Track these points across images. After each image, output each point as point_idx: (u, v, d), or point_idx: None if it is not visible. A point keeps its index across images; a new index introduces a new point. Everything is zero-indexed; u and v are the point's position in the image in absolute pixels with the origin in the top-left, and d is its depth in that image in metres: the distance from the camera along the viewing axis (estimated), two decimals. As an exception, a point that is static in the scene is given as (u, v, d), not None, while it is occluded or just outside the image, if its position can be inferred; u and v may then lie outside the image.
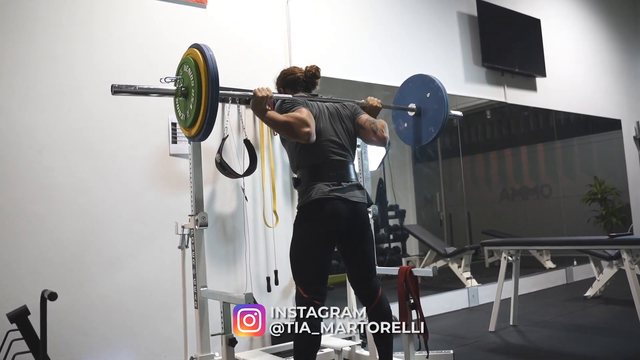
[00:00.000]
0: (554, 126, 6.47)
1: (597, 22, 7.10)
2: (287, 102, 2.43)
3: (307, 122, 2.29)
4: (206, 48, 2.17)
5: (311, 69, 2.66)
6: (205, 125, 2.13)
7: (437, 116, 2.86)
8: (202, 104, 2.10)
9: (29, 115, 2.87)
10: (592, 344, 3.32)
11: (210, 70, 2.10)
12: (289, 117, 2.30)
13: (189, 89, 2.19)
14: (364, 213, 2.51)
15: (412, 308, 2.77)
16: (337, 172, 2.44)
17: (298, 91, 2.63)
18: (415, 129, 3.00)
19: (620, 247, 3.35)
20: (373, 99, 2.74)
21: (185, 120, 2.26)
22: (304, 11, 4.03)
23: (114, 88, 2.07)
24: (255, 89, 2.32)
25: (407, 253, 6.24)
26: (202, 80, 2.10)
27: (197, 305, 2.58)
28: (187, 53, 2.27)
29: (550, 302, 4.84)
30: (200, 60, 2.13)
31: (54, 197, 2.89)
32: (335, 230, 2.40)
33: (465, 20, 5.28)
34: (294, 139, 2.36)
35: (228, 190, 3.49)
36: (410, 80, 3.07)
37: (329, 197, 2.37)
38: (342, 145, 2.50)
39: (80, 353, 2.87)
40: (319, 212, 2.37)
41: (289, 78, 2.68)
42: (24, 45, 2.89)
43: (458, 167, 5.66)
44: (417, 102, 2.98)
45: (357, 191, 2.47)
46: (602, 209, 6.97)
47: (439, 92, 2.86)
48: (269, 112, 2.32)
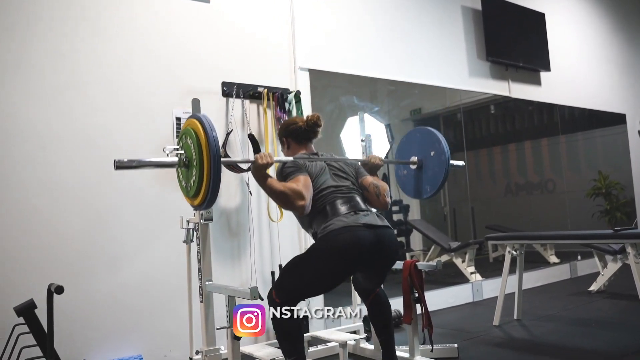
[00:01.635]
0: (558, 121, 6.45)
1: (602, 16, 7.06)
2: (288, 166, 2.46)
3: (302, 194, 2.31)
4: (206, 120, 2.15)
5: (312, 117, 2.69)
6: (208, 197, 2.13)
7: (435, 177, 2.95)
8: (204, 177, 2.11)
9: (34, 111, 2.88)
10: (596, 338, 3.32)
11: (212, 145, 2.08)
12: (286, 189, 2.32)
13: (191, 160, 2.18)
14: (391, 239, 2.43)
15: (417, 302, 2.78)
16: (349, 204, 2.42)
17: (300, 141, 2.67)
18: (414, 181, 3.08)
19: (625, 241, 3.34)
20: (375, 157, 2.79)
21: (188, 190, 2.26)
22: (308, 5, 4.02)
23: (116, 164, 2.06)
24: (256, 156, 2.35)
25: (411, 248, 6.24)
26: (204, 154, 2.09)
27: (202, 299, 2.60)
28: (187, 124, 2.25)
29: (555, 296, 4.84)
30: (201, 134, 2.11)
31: (59, 192, 2.90)
32: (356, 262, 2.33)
33: (469, 14, 5.26)
34: (289, 210, 2.40)
35: (232, 184, 3.50)
36: (418, 131, 3.12)
37: (352, 225, 2.31)
38: (346, 188, 2.50)
39: (86, 347, 2.88)
40: (340, 242, 2.27)
41: (291, 128, 2.72)
42: (29, 41, 2.90)
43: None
44: (420, 156, 3.04)
45: (377, 217, 2.43)
46: (606, 204, 6.95)
47: (442, 156, 2.91)
48: (268, 180, 2.34)
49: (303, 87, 3.87)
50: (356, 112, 3.44)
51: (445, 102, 5.81)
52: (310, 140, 2.72)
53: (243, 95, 3.54)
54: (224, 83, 3.48)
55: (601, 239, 3.89)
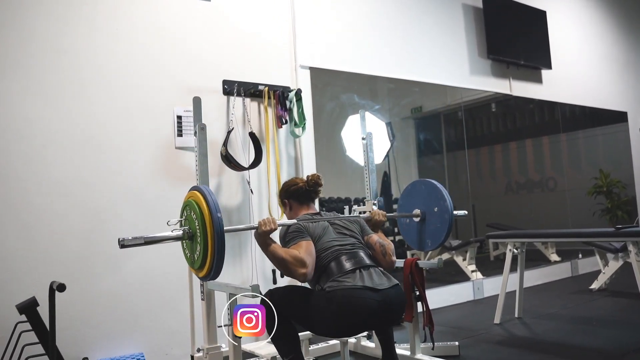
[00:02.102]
0: (559, 119, 6.45)
1: (603, 13, 7.05)
2: (291, 231, 2.45)
3: (304, 262, 2.29)
4: (209, 194, 2.13)
5: (312, 177, 2.70)
6: (213, 270, 2.13)
7: (437, 233, 2.96)
8: (208, 252, 2.09)
9: (34, 109, 2.88)
10: (598, 336, 3.32)
11: (215, 224, 2.05)
12: (288, 256, 2.31)
13: (195, 232, 2.17)
14: (397, 300, 2.35)
15: (418, 300, 2.79)
16: (354, 260, 2.39)
17: (302, 201, 2.69)
18: (416, 233, 3.09)
19: (626, 239, 3.34)
20: (378, 213, 2.79)
21: (193, 261, 2.25)
22: (309, 3, 4.02)
23: (120, 242, 2.05)
24: (259, 222, 2.35)
25: (412, 246, 6.23)
26: (208, 230, 2.07)
27: (203, 297, 2.60)
28: (189, 196, 2.25)
29: (556, 294, 4.84)
30: (205, 210, 2.09)
31: (60, 190, 2.91)
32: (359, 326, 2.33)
33: (470, 12, 5.25)
34: (290, 277, 2.36)
35: (233, 183, 3.50)
36: (423, 183, 3.12)
37: (356, 288, 2.25)
38: (350, 245, 2.48)
39: (88, 344, 2.89)
40: (346, 308, 2.22)
41: (292, 189, 2.72)
42: (29, 40, 2.90)
43: (463, 160, 5.64)
44: (423, 208, 3.05)
45: (382, 275, 2.39)
46: (607, 202, 6.94)
47: (445, 214, 2.91)
48: (271, 247, 2.34)
49: (304, 85, 3.87)
50: (357, 110, 3.44)
51: (446, 100, 5.80)
52: (312, 200, 2.73)
53: (244, 94, 3.54)
54: (224, 81, 3.48)
55: (603, 237, 3.89)
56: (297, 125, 3.65)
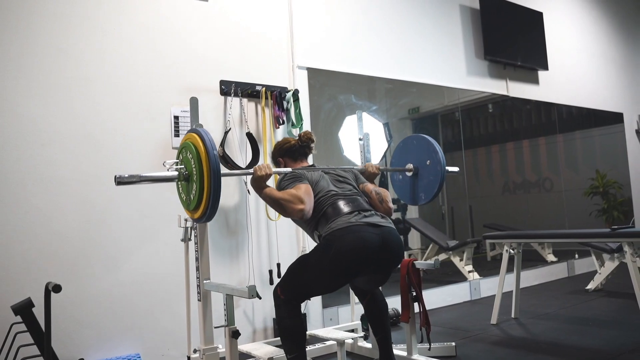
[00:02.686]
0: (556, 120, 6.46)
1: (599, 15, 7.07)
2: (287, 177, 2.47)
3: (302, 199, 2.31)
4: (206, 136, 2.17)
5: (304, 134, 2.73)
6: (209, 210, 2.15)
7: (430, 186, 2.99)
8: (204, 191, 2.13)
9: (34, 108, 2.87)
10: (593, 337, 3.33)
11: (212, 161, 2.10)
12: (285, 195, 2.33)
13: (191, 174, 2.20)
14: (397, 239, 2.38)
15: (415, 300, 2.79)
16: (353, 204, 2.41)
17: (296, 158, 2.72)
18: (409, 188, 3.12)
19: (622, 240, 3.35)
20: (371, 165, 2.82)
21: (188, 203, 2.27)
22: (306, 3, 4.02)
23: (117, 179, 2.10)
24: (255, 167, 2.37)
25: (409, 246, 6.24)
26: (204, 169, 2.11)
27: (200, 297, 2.60)
28: (187, 138, 2.28)
29: (552, 295, 4.85)
30: (201, 149, 2.13)
31: (58, 190, 2.90)
32: (362, 263, 2.28)
33: (467, 13, 5.26)
34: (289, 216, 2.39)
35: (231, 183, 3.50)
36: (415, 138, 3.14)
37: (356, 225, 2.27)
38: (347, 191, 2.51)
39: (84, 345, 2.88)
40: (346, 245, 2.24)
41: (284, 147, 2.76)
42: (31, 38, 2.89)
43: (460, 161, 5.65)
44: (416, 163, 3.07)
45: (380, 217, 2.41)
46: (604, 203, 6.96)
47: (438, 166, 2.94)
48: (266, 190, 2.36)
49: (301, 85, 3.87)
50: (354, 111, 3.44)
51: (444, 101, 5.81)
52: (306, 156, 2.76)
53: (241, 94, 3.54)
54: (222, 81, 3.48)
55: (599, 237, 3.90)
56: (294, 126, 3.64)
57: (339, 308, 3.83)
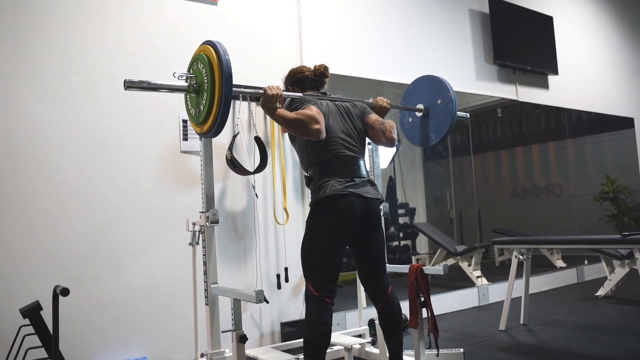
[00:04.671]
0: (565, 124, 6.42)
1: (610, 19, 7.03)
2: (297, 100, 2.44)
3: (316, 119, 2.31)
4: (219, 45, 2.17)
5: (320, 67, 2.67)
6: (218, 121, 2.14)
7: (441, 125, 2.91)
8: (215, 100, 2.12)
9: (41, 112, 2.89)
10: (603, 344, 3.30)
11: (224, 67, 2.11)
12: (299, 115, 2.31)
13: (202, 85, 2.20)
14: (377, 210, 2.50)
15: (423, 306, 2.76)
16: (349, 168, 2.43)
17: (307, 90, 2.65)
18: (420, 129, 3.03)
19: (633, 246, 3.32)
20: (382, 99, 2.76)
21: (197, 116, 2.26)
22: (315, 8, 4.02)
23: (127, 83, 2.09)
24: (265, 87, 2.33)
25: (417, 251, 6.22)
26: (216, 76, 2.11)
27: (207, 302, 2.59)
28: (200, 50, 2.27)
29: (561, 301, 4.81)
30: (213, 57, 2.14)
31: (65, 193, 2.91)
32: (348, 226, 2.38)
33: (476, 18, 5.25)
34: (304, 136, 2.37)
35: (239, 187, 3.50)
36: (425, 79, 3.07)
37: (342, 193, 2.36)
38: (352, 141, 2.50)
39: (91, 348, 2.89)
40: (333, 209, 2.35)
41: (297, 76, 2.69)
42: (37, 42, 2.91)
43: (469, 165, 5.63)
44: (426, 104, 3.00)
45: (370, 187, 2.47)
46: (614, 208, 6.91)
47: (449, 105, 2.87)
48: (278, 110, 2.34)
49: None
50: (363, 115, 3.42)
51: (452, 105, 5.78)
52: (317, 90, 2.68)
53: (250, 98, 3.54)
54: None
55: (609, 244, 3.86)
56: (302, 130, 3.64)
57: (347, 313, 3.81)
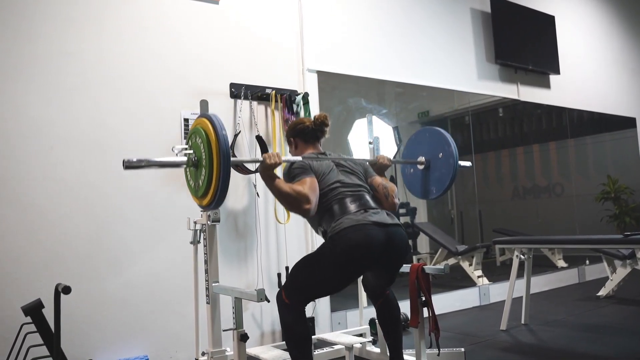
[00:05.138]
0: (567, 124, 6.42)
1: (612, 19, 7.02)
2: (295, 167, 2.45)
3: (308, 197, 2.31)
4: (216, 119, 2.14)
5: (319, 117, 2.70)
6: (217, 196, 2.13)
7: (442, 179, 2.94)
8: (213, 177, 2.10)
9: (41, 111, 2.89)
10: (604, 344, 3.29)
11: (222, 144, 2.07)
12: (292, 191, 2.31)
13: (200, 159, 2.18)
14: (401, 237, 2.38)
15: (424, 305, 2.76)
16: (359, 202, 2.40)
17: (308, 140, 2.68)
18: (421, 181, 3.08)
19: (635, 246, 3.32)
20: (383, 157, 2.79)
21: (196, 190, 2.25)
22: (317, 7, 4.02)
23: (125, 164, 2.05)
24: (264, 155, 2.34)
25: (418, 251, 6.22)
26: (214, 153, 2.09)
27: (208, 300, 2.60)
28: (197, 123, 2.25)
29: (562, 301, 4.81)
30: (211, 133, 2.10)
31: (66, 193, 2.91)
32: (367, 261, 2.30)
33: (478, 17, 5.24)
34: (294, 212, 2.38)
35: (240, 186, 3.50)
36: (428, 131, 3.09)
37: (362, 223, 2.27)
38: (355, 184, 2.49)
39: (92, 347, 2.89)
40: (351, 242, 2.24)
41: (298, 128, 2.72)
42: (36, 42, 2.91)
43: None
44: (428, 156, 3.03)
45: (387, 215, 2.40)
46: (615, 208, 6.90)
47: (450, 159, 2.90)
48: (275, 181, 2.33)
49: (311, 89, 3.86)
50: (364, 114, 3.44)
51: (454, 105, 5.79)
52: (318, 140, 2.72)
53: (251, 97, 3.54)
54: (232, 84, 3.49)
55: (610, 244, 3.85)
56: (303, 129, 3.64)
57: (348, 312, 3.81)
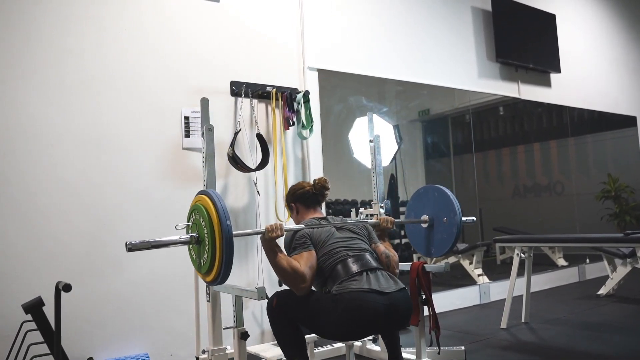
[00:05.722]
0: (567, 123, 6.41)
1: (612, 18, 7.01)
2: (296, 239, 2.43)
3: (304, 277, 2.28)
4: (216, 196, 2.12)
5: (320, 181, 2.70)
6: (221, 275, 2.11)
7: (443, 244, 2.97)
8: (217, 255, 2.08)
9: (41, 109, 2.89)
10: (604, 342, 3.30)
11: (224, 227, 2.05)
12: (290, 269, 2.28)
13: (202, 237, 2.16)
14: (404, 304, 2.33)
15: (424, 304, 2.77)
16: (360, 262, 2.37)
17: (309, 205, 2.68)
18: (422, 238, 3.10)
19: (635, 245, 3.32)
20: (386, 220, 2.76)
21: (200, 266, 2.24)
22: (317, 5, 4.01)
23: (128, 246, 2.03)
24: (267, 227, 2.32)
25: (418, 249, 6.21)
26: (216, 232, 2.06)
27: (209, 298, 2.60)
28: (197, 200, 2.24)
29: (563, 299, 4.81)
30: (213, 216, 2.08)
31: (67, 190, 2.91)
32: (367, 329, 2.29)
33: (479, 15, 5.24)
34: (290, 288, 2.35)
35: (240, 184, 3.50)
36: (437, 190, 3.06)
37: (363, 290, 2.23)
38: (357, 246, 2.47)
39: (93, 344, 2.89)
40: (354, 308, 2.19)
41: (298, 193, 2.72)
42: (36, 39, 2.91)
43: (470, 163, 5.62)
44: (432, 215, 3.03)
45: (389, 278, 2.36)
46: (615, 207, 6.90)
47: (454, 228, 2.90)
48: (276, 255, 2.30)
49: (312, 87, 3.86)
50: (365, 113, 3.43)
51: (454, 103, 5.78)
52: (319, 204, 2.73)
53: (252, 95, 3.54)
54: (232, 82, 3.48)
55: (611, 242, 3.86)
56: (304, 127, 3.64)
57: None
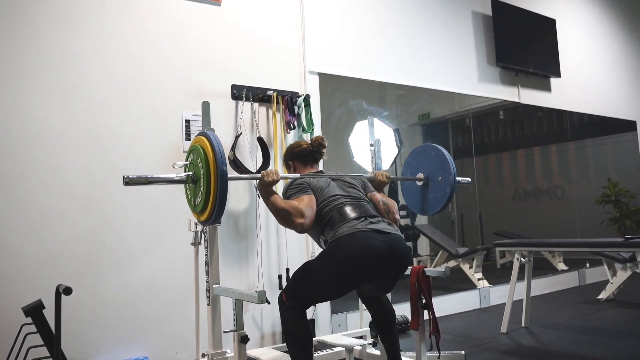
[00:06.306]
0: (567, 127, 6.42)
1: (612, 22, 7.03)
2: (293, 186, 2.47)
3: (303, 212, 2.32)
4: (214, 137, 2.18)
5: (317, 139, 2.73)
6: (215, 213, 2.16)
7: (435, 203, 3.01)
8: (211, 194, 2.14)
9: (42, 111, 2.89)
10: (605, 347, 3.29)
11: (219, 163, 2.11)
12: (287, 206, 2.33)
13: (198, 176, 2.22)
14: (402, 247, 2.35)
15: (424, 308, 2.77)
16: (359, 210, 2.39)
17: (306, 162, 2.71)
18: (417, 196, 3.13)
19: (635, 249, 3.32)
20: (382, 174, 2.80)
21: (195, 205, 2.29)
22: (318, 9, 4.02)
23: (125, 179, 2.10)
24: (263, 172, 2.37)
25: (419, 253, 6.22)
26: (211, 172, 2.13)
27: (209, 302, 2.60)
28: (195, 141, 2.29)
29: (563, 304, 4.81)
30: (208, 152, 2.15)
31: (67, 193, 2.91)
32: (368, 270, 2.25)
33: (479, 20, 5.25)
34: (288, 227, 2.39)
35: (241, 187, 3.50)
36: (434, 149, 3.08)
37: (362, 231, 2.25)
38: (354, 196, 2.50)
39: (93, 348, 2.89)
40: (352, 251, 2.21)
41: (296, 151, 2.75)
42: (38, 42, 2.91)
43: (470, 167, 5.63)
44: (427, 173, 3.06)
45: (387, 224, 2.39)
46: (615, 211, 6.90)
47: (447, 187, 2.93)
48: (272, 197, 2.36)
49: (312, 90, 3.87)
50: (365, 117, 3.43)
51: (454, 107, 5.80)
52: (317, 161, 2.76)
53: (252, 99, 3.54)
54: (233, 86, 3.49)
55: (611, 247, 3.85)
56: (305, 131, 3.65)
57: (348, 314, 3.81)
